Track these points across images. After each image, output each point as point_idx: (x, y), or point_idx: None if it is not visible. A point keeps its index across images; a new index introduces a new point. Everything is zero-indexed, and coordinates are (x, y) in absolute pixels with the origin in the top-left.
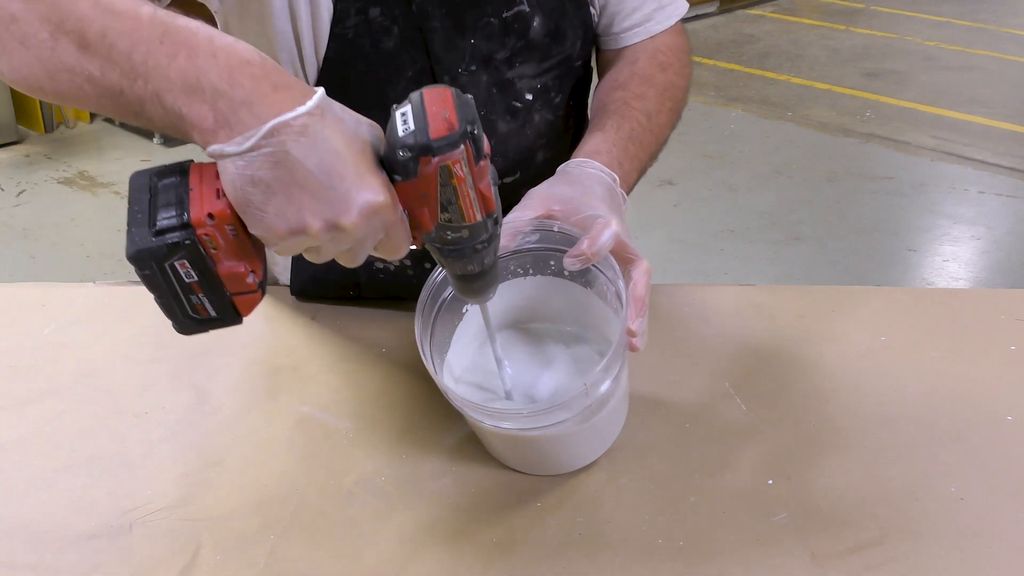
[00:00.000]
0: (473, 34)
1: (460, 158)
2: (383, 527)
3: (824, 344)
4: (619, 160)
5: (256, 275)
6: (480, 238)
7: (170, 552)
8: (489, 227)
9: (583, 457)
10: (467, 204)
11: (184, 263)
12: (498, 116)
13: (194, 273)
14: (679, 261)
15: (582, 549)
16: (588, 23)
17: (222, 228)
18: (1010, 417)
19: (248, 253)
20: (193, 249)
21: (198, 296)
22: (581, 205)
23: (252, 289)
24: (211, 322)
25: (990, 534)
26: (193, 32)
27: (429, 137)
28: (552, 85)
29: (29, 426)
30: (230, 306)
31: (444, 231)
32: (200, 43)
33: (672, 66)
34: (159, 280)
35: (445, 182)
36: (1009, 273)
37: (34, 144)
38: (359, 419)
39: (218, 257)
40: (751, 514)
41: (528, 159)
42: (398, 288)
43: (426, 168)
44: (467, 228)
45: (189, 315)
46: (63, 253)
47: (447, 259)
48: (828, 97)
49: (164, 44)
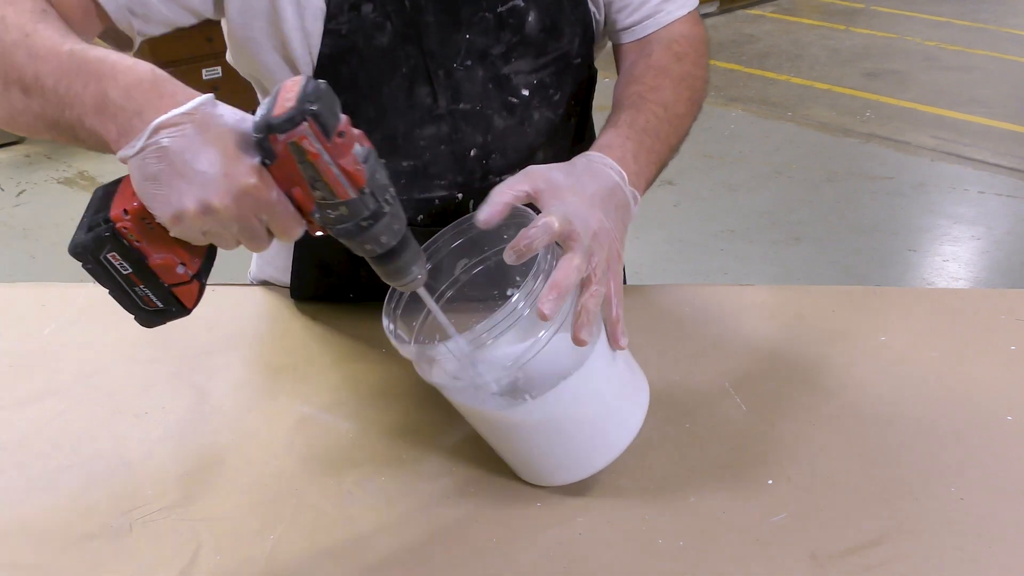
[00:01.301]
0: (468, 29)
1: (306, 134)
2: (383, 527)
3: (824, 344)
4: (633, 153)
5: (187, 267)
6: (362, 215)
7: (170, 552)
8: (369, 204)
9: (581, 459)
10: (332, 180)
11: (115, 255)
12: (495, 112)
13: (127, 265)
14: (679, 261)
15: (582, 549)
16: (587, 21)
17: (138, 222)
18: (1010, 417)
19: (172, 245)
20: (117, 241)
21: (141, 288)
22: (565, 195)
23: (185, 280)
24: (162, 313)
25: (990, 534)
26: (101, 60)
27: (271, 117)
28: (550, 82)
29: (29, 426)
30: (172, 297)
31: (325, 210)
32: (105, 70)
33: (688, 56)
34: (101, 273)
35: (301, 159)
36: (1009, 273)
37: (34, 144)
38: (359, 419)
39: (145, 250)
40: (751, 514)
41: (528, 158)
42: None
43: (277, 146)
44: (344, 205)
45: (141, 307)
46: (63, 253)
47: (346, 241)
48: (828, 97)
49: (79, 75)
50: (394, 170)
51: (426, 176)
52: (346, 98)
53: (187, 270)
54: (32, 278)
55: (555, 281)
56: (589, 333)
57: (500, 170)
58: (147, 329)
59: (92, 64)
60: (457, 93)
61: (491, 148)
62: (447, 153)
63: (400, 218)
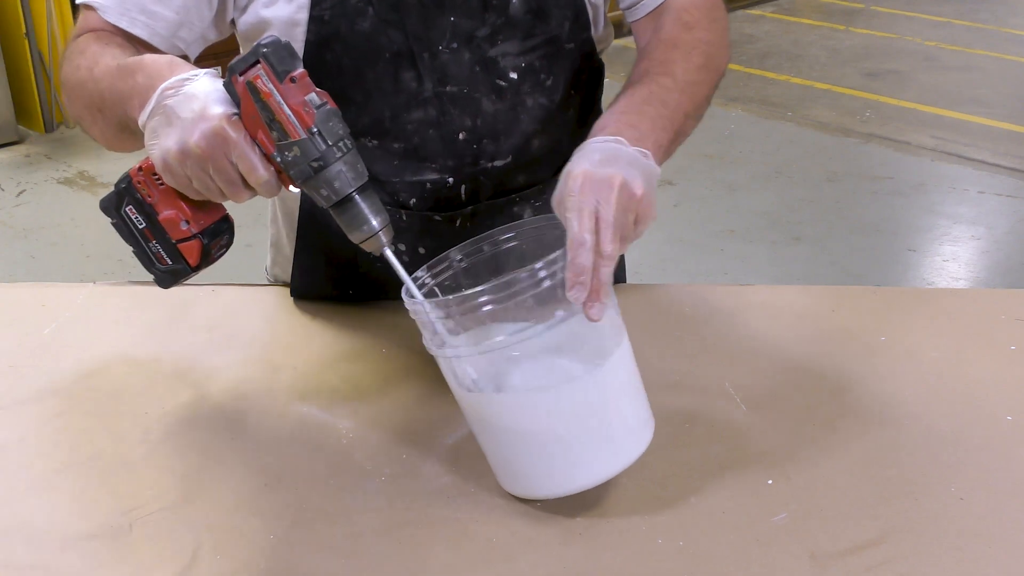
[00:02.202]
0: (452, 11)
1: (259, 75)
2: (383, 527)
3: (824, 344)
4: (632, 123)
5: (191, 224)
6: (312, 156)
7: (170, 552)
8: (319, 146)
9: (577, 466)
10: (284, 119)
11: (132, 209)
12: (483, 95)
13: (142, 218)
14: (679, 261)
15: (582, 549)
16: (579, 5)
17: (148, 176)
18: (1010, 417)
19: (177, 203)
20: (132, 195)
21: (153, 244)
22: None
23: (188, 236)
24: (172, 272)
25: (990, 534)
26: (136, 61)
27: (232, 62)
28: (540, 66)
29: (29, 426)
30: (178, 253)
31: (284, 152)
32: (138, 66)
33: (699, 23)
34: (123, 229)
35: (257, 98)
36: (1009, 273)
37: (34, 144)
38: (359, 419)
39: (155, 205)
40: (751, 514)
41: (522, 145)
42: (395, 281)
43: (238, 87)
44: (296, 145)
45: (155, 264)
46: (63, 253)
47: (304, 186)
48: (828, 97)
49: (122, 78)
50: (386, 151)
51: (417, 159)
52: (332, 83)
53: (190, 227)
54: (32, 278)
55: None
56: (579, 295)
57: (492, 155)
58: (147, 329)
59: (129, 67)
60: (443, 76)
61: (481, 132)
62: (436, 137)
63: (357, 170)
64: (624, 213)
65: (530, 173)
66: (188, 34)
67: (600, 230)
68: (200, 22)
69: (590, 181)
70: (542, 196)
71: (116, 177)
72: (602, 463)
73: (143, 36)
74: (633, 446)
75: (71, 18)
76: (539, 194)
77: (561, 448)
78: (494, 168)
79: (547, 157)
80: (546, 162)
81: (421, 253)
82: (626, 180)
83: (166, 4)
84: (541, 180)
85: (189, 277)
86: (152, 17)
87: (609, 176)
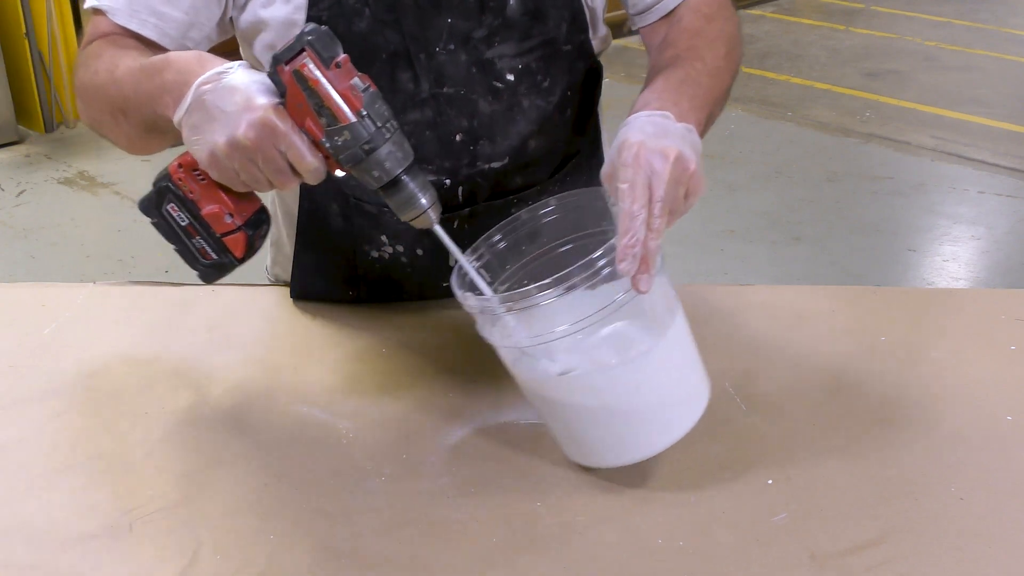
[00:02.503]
0: (449, 12)
1: (305, 62)
2: (383, 527)
3: (824, 344)
4: (674, 101)
5: (235, 217)
6: (363, 139)
7: (170, 552)
8: (369, 128)
9: (641, 436)
10: (333, 105)
11: (173, 206)
12: (479, 96)
13: (185, 215)
14: (679, 261)
15: (582, 549)
16: (576, 7)
17: (189, 172)
18: (1010, 417)
19: (219, 195)
20: (174, 193)
21: (197, 239)
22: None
23: (233, 229)
24: (217, 266)
25: (990, 534)
26: (161, 59)
27: (277, 51)
28: (537, 68)
29: (29, 426)
30: (223, 247)
31: (333, 137)
32: (164, 64)
33: (718, 15)
34: (164, 227)
35: (304, 86)
36: (1009, 273)
37: (34, 144)
38: (359, 419)
39: (197, 201)
40: (751, 514)
41: (519, 147)
42: (395, 281)
43: (284, 76)
44: (346, 130)
45: (199, 260)
46: (63, 253)
47: (354, 170)
48: (828, 97)
49: (147, 77)
50: None
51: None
52: None
53: (234, 220)
54: (32, 278)
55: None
56: (631, 267)
57: (488, 157)
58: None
59: (155, 65)
60: (440, 77)
61: (478, 134)
62: (432, 138)
63: (405, 149)
64: (676, 186)
65: (527, 174)
66: (197, 34)
67: (652, 202)
68: (208, 22)
69: (645, 152)
70: (539, 197)
71: (116, 177)
72: (675, 424)
73: (153, 37)
74: (697, 404)
75: (71, 18)
76: (536, 195)
77: (634, 418)
78: (491, 169)
79: (544, 158)
80: (543, 163)
81: (419, 254)
82: (681, 153)
83: (175, 5)
84: (538, 181)
85: (233, 269)
86: (161, 18)
87: (664, 148)
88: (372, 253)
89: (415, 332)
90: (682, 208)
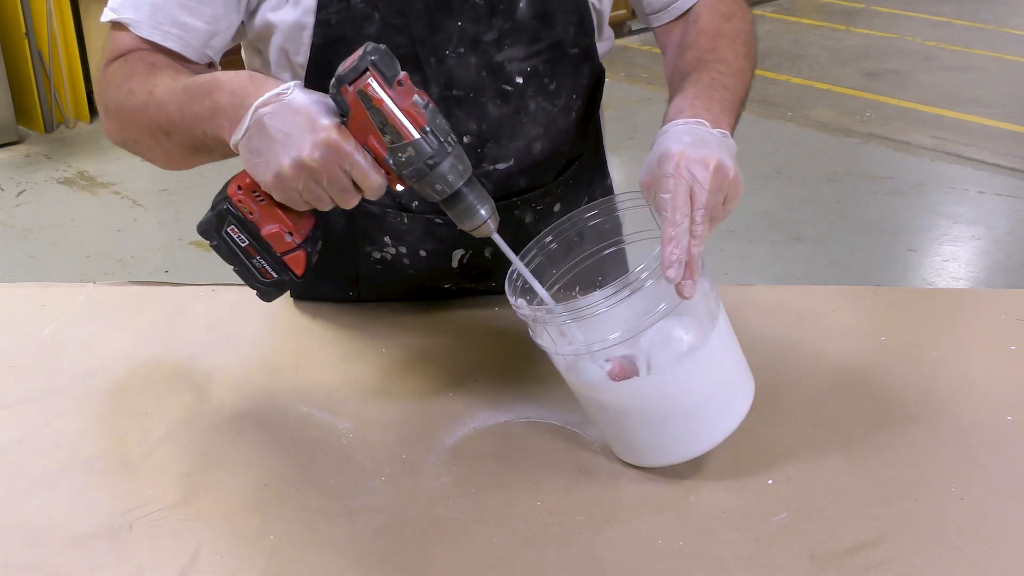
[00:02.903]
0: (460, 16)
1: (369, 82)
2: (383, 527)
3: (824, 344)
4: (706, 107)
5: (294, 235)
6: (427, 154)
7: (170, 552)
8: (432, 143)
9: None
10: (397, 122)
11: (234, 228)
12: (488, 99)
13: (245, 236)
14: None
15: (582, 549)
16: (583, 10)
17: (249, 194)
18: (1010, 417)
19: (279, 215)
20: (234, 215)
21: (257, 259)
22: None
23: (293, 247)
24: (278, 284)
25: (990, 534)
26: (209, 80)
27: (340, 72)
28: (544, 70)
29: (29, 426)
30: (284, 265)
31: (396, 154)
32: (213, 85)
33: (735, 14)
34: (224, 249)
35: (368, 105)
36: (1009, 273)
37: (34, 144)
38: (359, 419)
39: (257, 222)
40: (751, 514)
41: (525, 149)
42: (395, 282)
43: (348, 97)
44: (410, 146)
45: (259, 280)
46: (63, 253)
47: (417, 184)
48: (828, 97)
49: (195, 99)
50: None
51: None
52: None
53: (294, 238)
54: (32, 278)
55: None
56: (677, 274)
57: (495, 159)
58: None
59: (203, 86)
60: (450, 80)
61: (485, 136)
62: None
63: (464, 162)
64: (716, 193)
65: (532, 177)
66: (218, 43)
67: (694, 210)
68: (228, 30)
69: (686, 161)
70: (544, 200)
71: (116, 177)
72: (722, 423)
73: (176, 48)
74: (742, 402)
75: (71, 18)
76: (540, 198)
77: (679, 420)
78: (497, 171)
79: (549, 161)
80: (548, 166)
81: (422, 256)
82: (721, 162)
83: (197, 15)
84: (542, 184)
85: (292, 287)
86: (183, 29)
87: (704, 157)
88: (374, 254)
89: (415, 332)
90: (722, 214)
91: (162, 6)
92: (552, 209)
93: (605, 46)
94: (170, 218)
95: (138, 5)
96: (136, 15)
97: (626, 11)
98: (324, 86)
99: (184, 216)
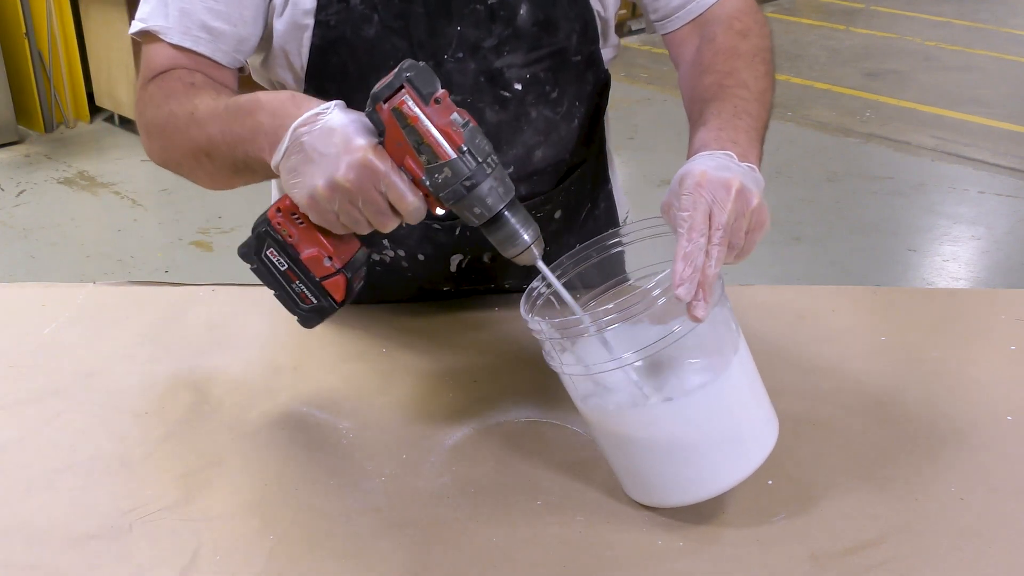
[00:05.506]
0: (459, 21)
1: (404, 99)
2: (383, 527)
3: (824, 344)
4: (732, 140)
5: (334, 260)
6: (464, 175)
7: (170, 552)
8: (469, 164)
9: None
10: (433, 141)
11: (273, 251)
12: (486, 105)
13: (284, 260)
14: None
15: (582, 549)
16: (587, 17)
17: (288, 216)
18: (1010, 417)
19: (319, 239)
20: (273, 238)
21: (297, 284)
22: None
23: (332, 272)
24: (318, 310)
25: (990, 534)
26: (250, 100)
27: (375, 90)
28: (545, 78)
29: (29, 426)
30: (323, 290)
31: (433, 175)
32: (255, 106)
33: (752, 30)
34: (264, 273)
35: (404, 123)
36: (1009, 273)
37: (34, 144)
38: (359, 419)
39: (296, 245)
40: (751, 514)
41: (525, 156)
42: (395, 284)
43: (383, 115)
44: (447, 166)
45: (299, 305)
46: (63, 253)
47: (456, 207)
48: (828, 97)
49: (236, 119)
50: None
51: None
52: (336, 88)
53: (333, 263)
54: (32, 278)
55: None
56: (688, 293)
57: None
58: (147, 329)
59: (244, 106)
60: (447, 85)
61: None
62: None
63: (506, 184)
64: (737, 218)
65: (532, 184)
66: (247, 47)
67: (712, 230)
68: (254, 35)
69: (707, 181)
70: (544, 207)
71: (116, 177)
72: (736, 464)
73: (207, 53)
74: (765, 441)
75: (71, 18)
76: (541, 205)
77: (695, 454)
78: None
79: (549, 168)
80: (549, 173)
81: (421, 259)
82: (744, 185)
83: (225, 19)
84: (543, 191)
85: (333, 313)
86: (212, 33)
87: (727, 179)
88: (373, 256)
89: (415, 332)
90: (746, 245)
91: (190, 11)
92: (553, 216)
93: (610, 53)
94: (170, 218)
95: (166, 13)
96: (165, 22)
97: (626, 11)
98: (323, 87)
99: (184, 216)
